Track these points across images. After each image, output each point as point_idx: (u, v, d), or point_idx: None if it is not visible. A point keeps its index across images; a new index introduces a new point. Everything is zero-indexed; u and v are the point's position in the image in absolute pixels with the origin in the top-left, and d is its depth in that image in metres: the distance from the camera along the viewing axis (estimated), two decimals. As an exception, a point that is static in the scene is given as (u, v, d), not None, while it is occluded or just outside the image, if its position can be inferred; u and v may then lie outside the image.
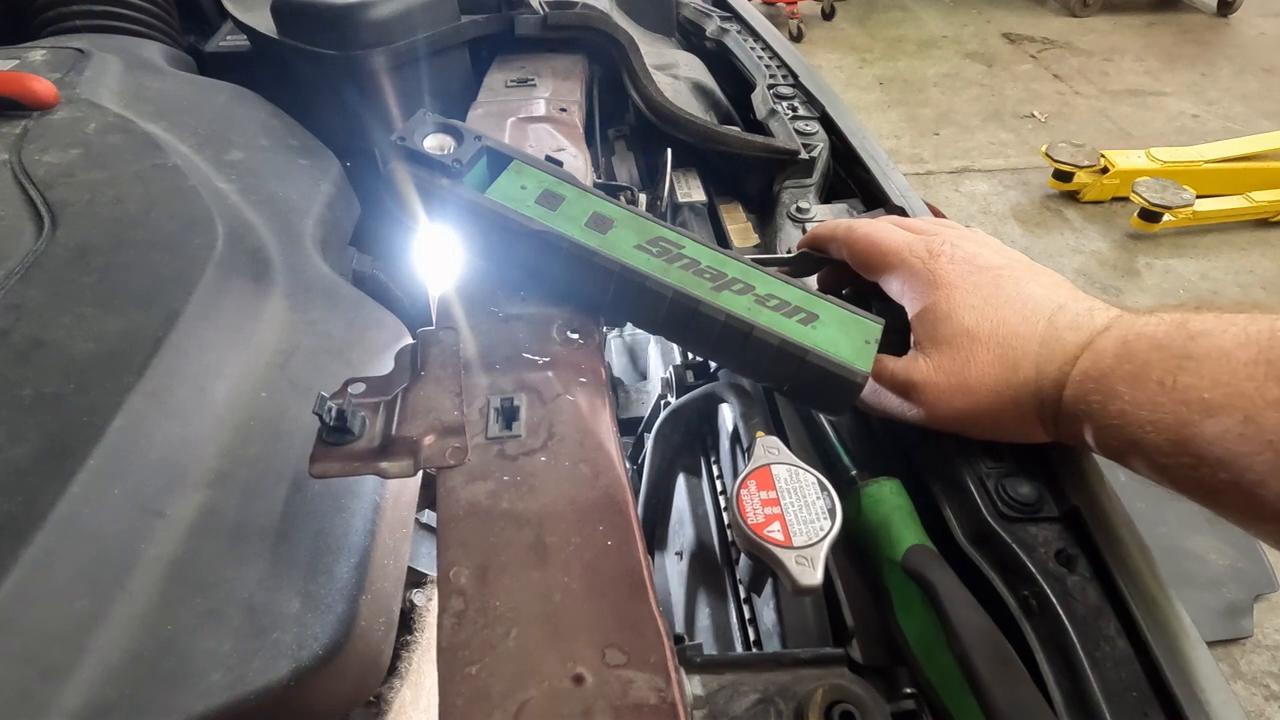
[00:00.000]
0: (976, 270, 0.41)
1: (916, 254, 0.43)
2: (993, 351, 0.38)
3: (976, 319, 0.39)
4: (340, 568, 0.36)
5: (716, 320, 0.38)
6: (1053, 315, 0.39)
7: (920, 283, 0.42)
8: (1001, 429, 0.40)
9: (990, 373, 0.38)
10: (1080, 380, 0.35)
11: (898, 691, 0.36)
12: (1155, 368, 0.33)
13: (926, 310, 0.41)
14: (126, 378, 0.37)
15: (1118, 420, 0.33)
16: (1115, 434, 0.34)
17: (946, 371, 0.39)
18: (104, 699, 0.28)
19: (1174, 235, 2.60)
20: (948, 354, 0.39)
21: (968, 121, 3.30)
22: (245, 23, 0.70)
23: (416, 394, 0.34)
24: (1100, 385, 0.34)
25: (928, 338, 0.41)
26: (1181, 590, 0.35)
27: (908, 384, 0.40)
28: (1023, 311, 0.39)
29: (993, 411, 0.39)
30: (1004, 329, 0.39)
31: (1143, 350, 0.34)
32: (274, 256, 0.49)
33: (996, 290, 0.40)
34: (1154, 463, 0.33)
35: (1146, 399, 0.32)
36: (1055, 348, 0.37)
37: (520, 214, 0.39)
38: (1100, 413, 0.34)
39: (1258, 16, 4.16)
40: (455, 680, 0.25)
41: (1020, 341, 0.38)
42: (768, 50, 0.85)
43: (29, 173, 0.50)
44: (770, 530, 0.33)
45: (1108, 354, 0.35)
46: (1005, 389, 0.38)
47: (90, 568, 0.31)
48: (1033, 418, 0.38)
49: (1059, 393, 0.36)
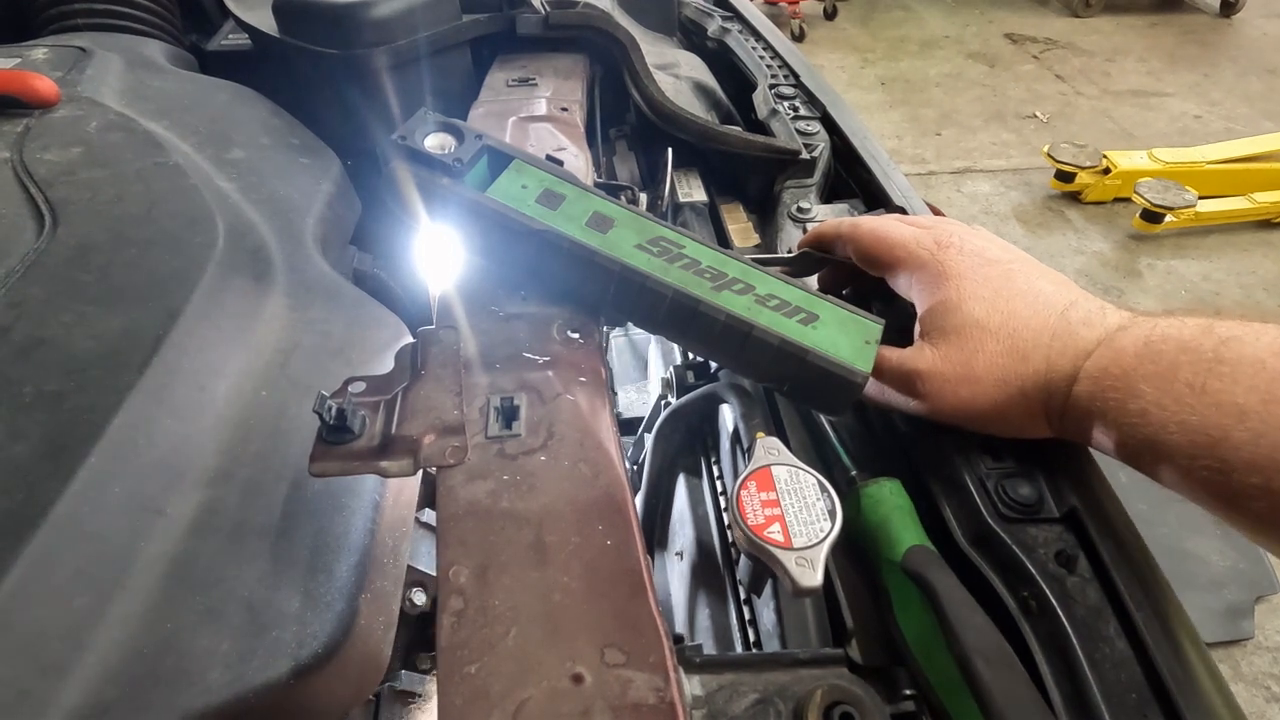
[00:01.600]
0: (986, 263, 0.41)
1: (925, 246, 0.43)
2: (1002, 343, 0.38)
3: (987, 310, 0.39)
4: (340, 566, 0.36)
5: (717, 320, 0.38)
6: (1065, 310, 0.39)
7: (929, 275, 0.42)
8: (1005, 421, 0.40)
9: (998, 363, 0.38)
10: (1097, 376, 0.35)
11: (897, 692, 0.36)
12: (1184, 369, 0.33)
13: (935, 301, 0.41)
14: (127, 376, 0.37)
15: (1138, 419, 0.33)
16: (1133, 432, 0.34)
17: (953, 361, 0.39)
18: (103, 697, 0.28)
19: (1176, 236, 2.59)
20: (955, 344, 0.39)
21: (970, 122, 3.29)
22: (247, 22, 0.70)
23: (416, 393, 0.34)
24: (1120, 383, 0.34)
25: (935, 328, 0.41)
26: (1182, 591, 0.35)
27: (912, 374, 0.40)
28: (1034, 305, 0.39)
29: (998, 402, 0.39)
30: (1015, 321, 0.39)
31: (1169, 352, 0.34)
32: (275, 255, 0.49)
33: (1007, 283, 0.40)
34: (1175, 464, 0.33)
35: (1173, 400, 0.32)
36: (1068, 342, 0.37)
37: (521, 213, 0.39)
38: (1118, 410, 0.34)
39: (1260, 17, 4.15)
40: (454, 679, 0.25)
41: (1031, 334, 0.38)
42: (769, 50, 0.85)
43: (30, 171, 0.50)
44: (770, 531, 0.33)
45: (1128, 353, 0.35)
46: (1012, 380, 0.38)
47: (90, 566, 0.31)
48: (1038, 411, 0.38)
49: (1069, 387, 0.36)
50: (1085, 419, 0.36)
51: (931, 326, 0.41)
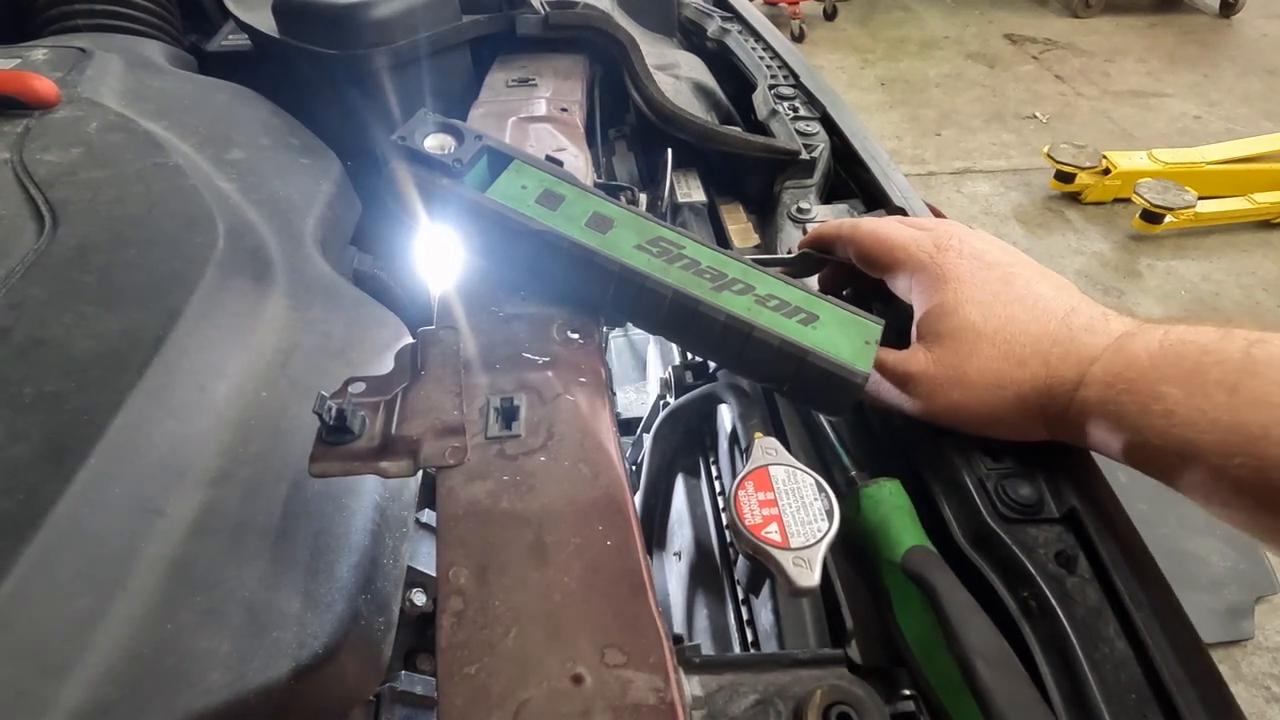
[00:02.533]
0: (986, 266, 0.41)
1: (924, 249, 0.43)
2: (998, 347, 0.39)
3: (983, 314, 0.39)
4: (340, 567, 0.36)
5: (716, 320, 0.38)
6: (1066, 316, 0.39)
7: (927, 277, 0.42)
8: (998, 424, 0.40)
9: (992, 368, 0.38)
10: (1108, 381, 0.36)
11: (897, 692, 0.36)
12: (1213, 370, 0.33)
13: (932, 304, 0.41)
14: (127, 376, 0.37)
15: (1162, 420, 0.33)
16: (1156, 435, 0.34)
17: (945, 365, 0.39)
18: (104, 697, 0.28)
19: (1176, 237, 2.59)
20: (949, 347, 0.40)
21: (969, 122, 3.29)
22: (247, 22, 0.70)
23: (416, 393, 0.34)
24: (1137, 386, 0.35)
25: (931, 331, 0.41)
26: (1182, 592, 0.35)
27: (905, 376, 0.41)
28: (1034, 310, 0.39)
29: (991, 406, 0.39)
30: (1012, 326, 0.39)
31: (1192, 355, 0.34)
32: (275, 256, 0.49)
33: (1006, 287, 0.40)
34: (1206, 464, 0.33)
35: (1204, 400, 0.33)
36: (1070, 348, 0.37)
37: (521, 214, 0.39)
38: (1138, 412, 0.34)
39: (1260, 18, 4.15)
40: (454, 680, 0.25)
41: (1029, 339, 0.38)
42: (769, 50, 0.85)
43: (30, 171, 0.50)
44: (768, 531, 0.33)
45: (1142, 357, 0.35)
46: (1008, 384, 0.38)
47: (90, 566, 0.31)
48: (1035, 415, 0.38)
49: (1072, 392, 0.37)
50: (1092, 423, 0.36)
51: (927, 329, 0.41)
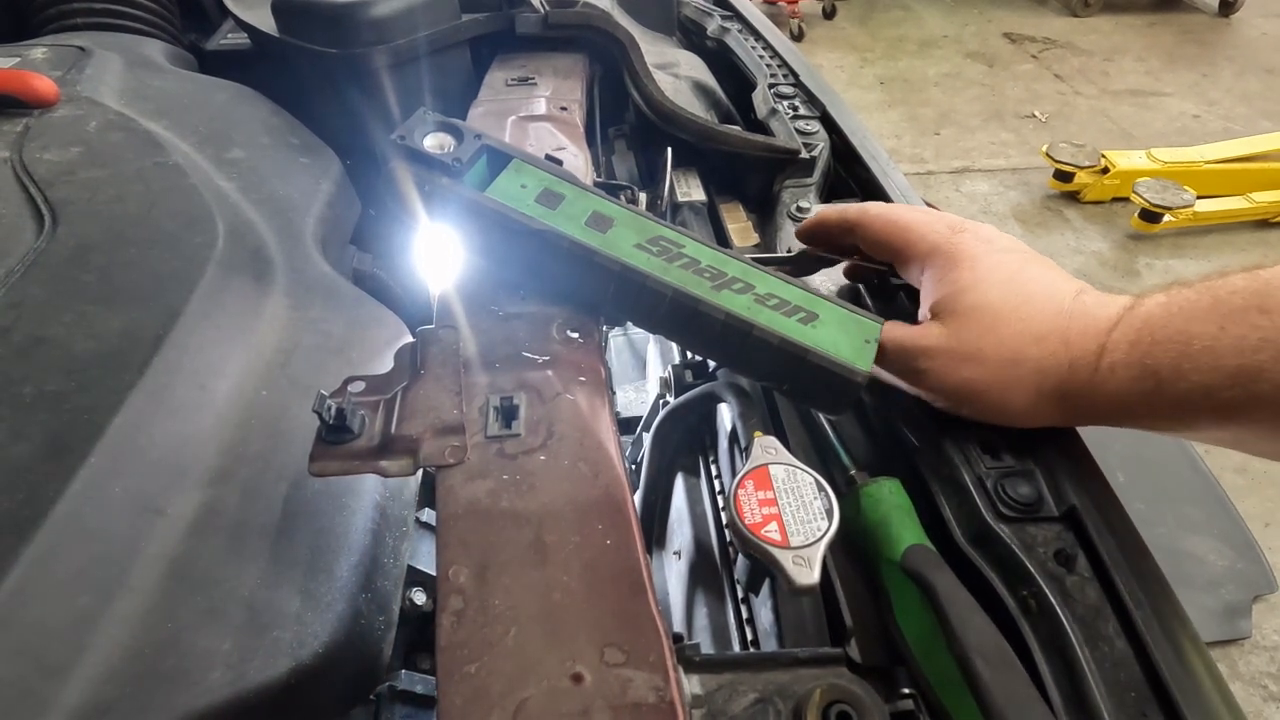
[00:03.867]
0: (1000, 250, 0.42)
1: (938, 230, 0.43)
2: (1013, 326, 0.39)
3: (1002, 293, 0.40)
4: (340, 566, 0.36)
5: (716, 319, 0.38)
6: (1078, 294, 0.40)
7: (943, 256, 0.42)
8: (1005, 404, 0.40)
9: (1009, 344, 0.39)
10: (1133, 340, 0.36)
11: (896, 691, 0.36)
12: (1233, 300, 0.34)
13: (949, 281, 0.41)
14: (127, 376, 0.37)
15: (1207, 358, 0.34)
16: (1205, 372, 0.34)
17: (961, 339, 0.40)
18: (104, 697, 0.28)
19: (1174, 236, 2.60)
20: (966, 324, 0.40)
21: (968, 121, 3.29)
22: (246, 21, 0.70)
23: (416, 393, 0.34)
24: (1164, 335, 0.36)
25: (946, 309, 0.41)
26: (1180, 591, 0.35)
27: (917, 350, 0.40)
28: (1049, 290, 0.40)
29: (1004, 382, 0.39)
30: (1029, 305, 0.39)
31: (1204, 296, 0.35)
32: (274, 255, 0.49)
33: (1022, 269, 0.41)
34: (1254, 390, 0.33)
35: (1242, 326, 0.33)
36: (1087, 322, 0.38)
37: (520, 213, 0.39)
38: (1176, 358, 0.35)
39: (1259, 17, 4.15)
40: (454, 679, 0.25)
41: (1045, 317, 0.39)
42: (768, 49, 0.85)
43: (30, 171, 0.50)
44: (767, 530, 0.33)
45: (1157, 313, 0.36)
46: (1025, 361, 0.38)
47: (91, 565, 0.31)
48: (1052, 393, 0.39)
49: (1096, 361, 0.37)
50: (1124, 387, 0.37)
51: (942, 307, 0.41)
